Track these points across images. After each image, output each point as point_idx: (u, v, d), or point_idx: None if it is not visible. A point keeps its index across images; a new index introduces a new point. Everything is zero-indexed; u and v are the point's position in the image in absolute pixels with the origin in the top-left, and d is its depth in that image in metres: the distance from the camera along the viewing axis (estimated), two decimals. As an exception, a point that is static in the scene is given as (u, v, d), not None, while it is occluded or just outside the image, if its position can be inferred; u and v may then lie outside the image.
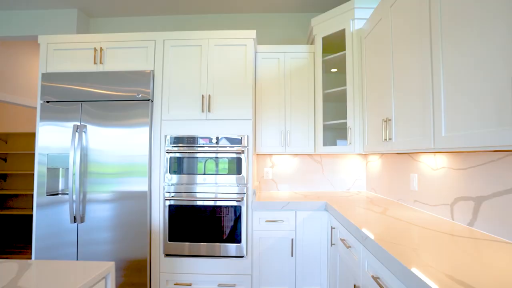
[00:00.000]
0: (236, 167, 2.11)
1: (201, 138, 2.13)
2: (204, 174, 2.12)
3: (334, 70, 2.61)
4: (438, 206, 1.56)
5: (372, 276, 1.10)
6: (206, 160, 2.12)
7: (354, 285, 1.32)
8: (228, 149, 2.12)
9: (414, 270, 0.82)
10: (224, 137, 2.14)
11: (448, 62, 1.09)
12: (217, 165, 2.12)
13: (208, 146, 2.13)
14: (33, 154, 4.74)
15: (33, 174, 4.73)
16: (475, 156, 1.28)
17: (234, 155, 2.12)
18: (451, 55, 1.07)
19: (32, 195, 4.78)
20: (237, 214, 2.10)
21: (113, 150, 2.11)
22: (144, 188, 2.10)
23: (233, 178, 2.11)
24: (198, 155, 2.13)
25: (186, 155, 2.13)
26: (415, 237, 1.15)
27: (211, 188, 2.12)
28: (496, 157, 1.15)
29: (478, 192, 1.25)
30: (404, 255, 0.95)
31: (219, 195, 2.11)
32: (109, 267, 0.90)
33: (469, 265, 0.86)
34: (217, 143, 2.13)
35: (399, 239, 1.12)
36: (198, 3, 2.72)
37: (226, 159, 2.12)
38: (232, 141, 2.13)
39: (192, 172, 2.13)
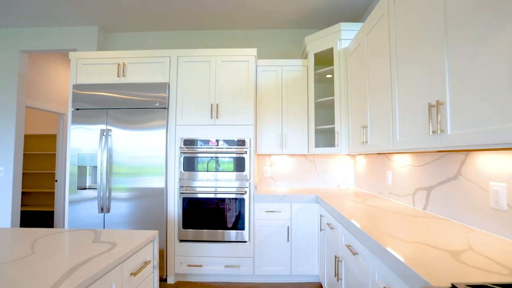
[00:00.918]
0: (240, 165, 2.48)
1: (210, 140, 2.50)
2: (213, 171, 2.49)
3: (329, 76, 2.94)
4: (404, 196, 1.94)
5: (346, 245, 1.47)
6: (214, 159, 2.49)
7: (335, 256, 1.69)
8: (233, 150, 2.49)
9: (367, 231, 1.20)
10: (230, 140, 2.50)
11: (399, 84, 1.47)
12: (224, 163, 2.49)
13: (216, 147, 2.50)
14: (46, 155, 5.07)
15: (46, 173, 5.06)
16: (427, 155, 1.66)
17: (238, 155, 2.49)
18: (399, 81, 1.45)
19: (45, 193, 5.10)
20: (241, 205, 2.46)
21: (134, 151, 2.47)
22: (161, 185, 2.46)
23: (237, 174, 2.48)
24: (208, 155, 2.49)
25: (198, 155, 2.49)
26: (380, 218, 1.53)
27: (218, 183, 2.48)
28: (439, 156, 1.53)
29: (428, 183, 1.63)
30: (365, 227, 1.32)
31: (226, 189, 2.47)
32: (155, 233, 1.26)
33: (408, 231, 1.23)
34: (223, 144, 2.50)
35: (367, 219, 1.50)
36: (205, 21, 3.08)
37: (232, 158, 2.49)
38: (236, 143, 2.50)
39: (202, 169, 2.49)
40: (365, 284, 1.23)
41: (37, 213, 5.16)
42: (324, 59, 2.91)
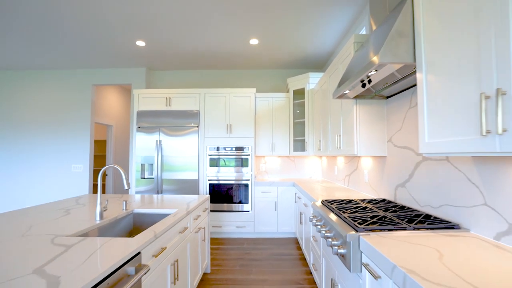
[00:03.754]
0: (245, 163, 3.90)
1: (227, 147, 3.91)
2: (228, 167, 3.90)
3: (302, 100, 4.39)
4: (341, 180, 3.40)
5: (304, 204, 2.91)
6: (229, 159, 3.90)
7: (300, 212, 3.14)
8: (241, 153, 3.90)
9: (308, 192, 2.64)
10: (239, 147, 3.92)
11: (331, 122, 2.91)
12: (235, 162, 3.90)
13: (230, 152, 3.91)
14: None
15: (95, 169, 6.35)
16: (349, 157, 3.11)
17: (244, 157, 3.90)
18: (331, 119, 2.89)
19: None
20: (246, 188, 3.88)
21: (177, 155, 3.86)
22: (195, 177, 3.86)
23: (243, 169, 3.90)
24: (225, 156, 3.90)
25: (218, 156, 3.90)
26: (323, 190, 2.97)
27: (232, 174, 3.90)
28: (352, 158, 2.99)
29: (348, 172, 3.09)
30: (314, 194, 2.76)
31: (236, 178, 3.89)
32: (208, 197, 2.66)
33: (329, 193, 2.68)
34: (235, 150, 3.91)
35: (316, 191, 2.94)
36: (219, 64, 4.48)
37: (240, 158, 3.91)
38: (243, 149, 3.92)
39: (221, 165, 3.90)
40: (308, 216, 2.68)
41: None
42: (300, 93, 4.35)
